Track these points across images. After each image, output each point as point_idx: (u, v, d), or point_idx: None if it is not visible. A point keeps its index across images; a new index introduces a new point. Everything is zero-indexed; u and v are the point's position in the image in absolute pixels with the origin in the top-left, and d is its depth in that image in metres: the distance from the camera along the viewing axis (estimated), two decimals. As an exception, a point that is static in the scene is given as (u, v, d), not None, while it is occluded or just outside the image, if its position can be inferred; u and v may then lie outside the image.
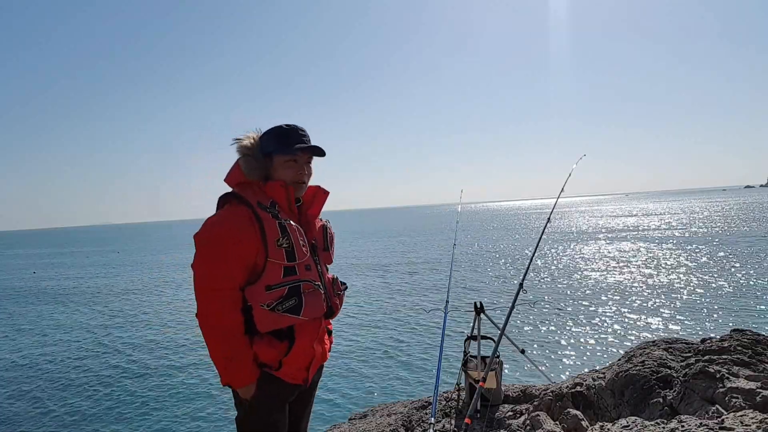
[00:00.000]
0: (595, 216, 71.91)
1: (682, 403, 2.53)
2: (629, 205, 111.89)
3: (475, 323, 3.72)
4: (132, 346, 12.92)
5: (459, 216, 6.28)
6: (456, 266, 23.00)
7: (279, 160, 1.81)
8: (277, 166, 1.82)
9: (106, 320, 16.58)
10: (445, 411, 3.58)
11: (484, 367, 3.26)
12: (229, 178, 1.83)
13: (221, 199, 1.82)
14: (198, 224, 1.78)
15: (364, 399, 8.24)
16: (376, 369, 9.83)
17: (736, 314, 12.27)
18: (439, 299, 16.33)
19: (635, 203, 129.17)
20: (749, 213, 53.24)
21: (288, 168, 1.82)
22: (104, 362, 11.59)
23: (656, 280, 17.45)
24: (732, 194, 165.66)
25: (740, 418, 2.00)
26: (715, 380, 2.49)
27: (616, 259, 23.52)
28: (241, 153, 1.81)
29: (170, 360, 11.37)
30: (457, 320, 11.87)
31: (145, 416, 8.29)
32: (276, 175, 1.82)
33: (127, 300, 20.63)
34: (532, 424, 2.87)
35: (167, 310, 17.82)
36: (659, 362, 2.96)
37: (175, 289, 22.99)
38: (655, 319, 12.33)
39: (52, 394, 9.61)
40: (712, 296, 14.37)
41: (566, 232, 43.63)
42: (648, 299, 14.46)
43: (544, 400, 3.13)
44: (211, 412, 8.21)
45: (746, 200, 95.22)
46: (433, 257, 29.72)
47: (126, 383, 9.97)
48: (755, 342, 2.86)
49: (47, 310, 19.15)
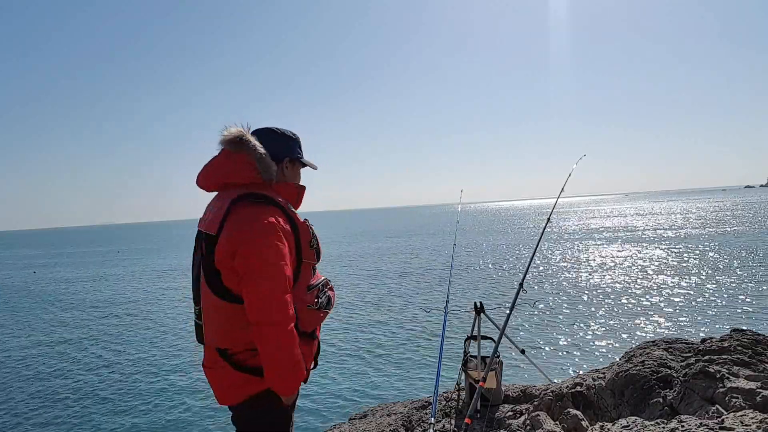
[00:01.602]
0: (595, 216, 71.90)
1: (682, 403, 2.53)
2: (629, 205, 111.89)
3: (475, 323, 3.72)
4: (132, 345, 12.92)
5: (459, 216, 6.28)
6: (456, 266, 22.99)
7: (294, 166, 1.89)
8: (290, 171, 1.86)
9: (106, 320, 16.57)
10: (445, 411, 3.58)
11: (484, 367, 3.26)
12: (241, 176, 1.70)
13: (245, 198, 1.66)
14: (195, 224, 1.76)
15: (364, 399, 8.24)
16: (376, 369, 9.83)
17: (736, 314, 12.27)
18: (439, 299, 16.32)
19: (635, 203, 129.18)
20: (749, 213, 53.24)
21: (297, 173, 1.91)
22: (103, 362, 11.59)
23: (656, 280, 17.44)
24: (732, 194, 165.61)
25: (740, 418, 1.99)
26: (715, 380, 2.49)
27: (615, 259, 23.52)
28: (256, 153, 1.70)
29: (169, 360, 11.38)
30: (457, 320, 11.87)
31: (145, 415, 8.30)
32: (285, 178, 1.85)
33: (127, 300, 20.62)
34: (532, 424, 2.87)
35: (166, 309, 17.82)
36: (659, 362, 2.95)
37: (175, 288, 23.00)
38: (655, 319, 12.32)
39: (52, 394, 9.61)
40: (712, 296, 14.37)
41: (566, 232, 43.63)
42: (648, 299, 14.46)
43: (544, 400, 3.13)
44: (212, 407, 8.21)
45: (746, 200, 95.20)
46: (433, 257, 29.71)
47: (126, 383, 9.97)
48: (755, 342, 2.86)
49: (47, 310, 19.14)
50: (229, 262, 1.58)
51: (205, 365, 1.74)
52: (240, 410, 1.69)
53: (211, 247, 1.62)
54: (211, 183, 1.77)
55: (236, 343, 1.63)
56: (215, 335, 1.67)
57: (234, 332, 1.63)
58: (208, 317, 1.68)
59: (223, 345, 1.65)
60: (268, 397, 1.63)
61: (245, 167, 1.69)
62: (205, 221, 1.72)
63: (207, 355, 1.73)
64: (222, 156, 1.73)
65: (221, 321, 1.65)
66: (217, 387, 1.70)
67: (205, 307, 1.67)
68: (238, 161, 1.70)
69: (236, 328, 1.62)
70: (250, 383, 1.63)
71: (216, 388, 1.71)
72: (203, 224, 1.72)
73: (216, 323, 1.66)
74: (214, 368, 1.69)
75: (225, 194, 1.72)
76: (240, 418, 1.71)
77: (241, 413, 1.70)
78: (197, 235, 1.75)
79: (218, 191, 1.79)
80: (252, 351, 1.62)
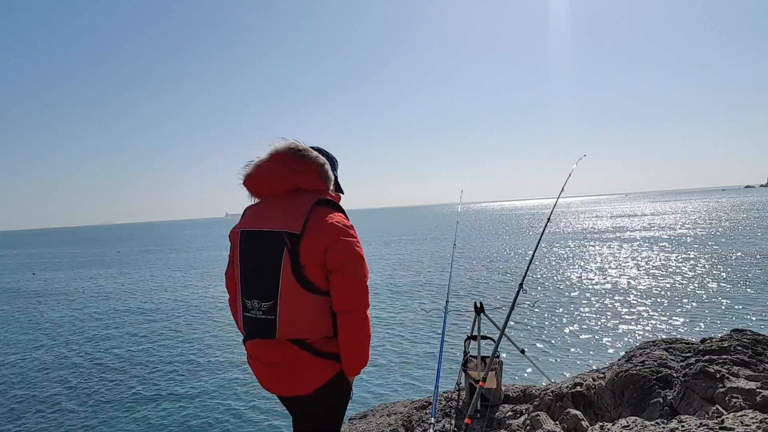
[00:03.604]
0: (595, 216, 71.91)
1: (682, 403, 2.53)
2: (629, 206, 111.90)
3: (475, 323, 3.72)
4: (131, 345, 12.92)
5: (459, 216, 6.29)
6: (456, 266, 22.99)
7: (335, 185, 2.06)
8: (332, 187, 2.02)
9: (106, 319, 16.58)
10: (445, 411, 3.58)
11: (484, 367, 3.26)
12: (311, 183, 1.88)
13: (322, 203, 1.85)
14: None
15: (364, 399, 8.24)
16: (376, 369, 9.82)
17: (736, 314, 12.27)
18: (439, 299, 16.33)
19: (635, 203, 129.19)
20: (749, 213, 53.25)
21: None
22: (103, 361, 11.59)
23: (656, 280, 17.45)
24: (732, 194, 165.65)
25: (740, 418, 1.99)
26: (715, 380, 2.49)
27: (615, 259, 23.52)
28: (319, 164, 1.90)
29: (170, 358, 11.39)
30: (457, 320, 11.86)
31: (146, 412, 8.30)
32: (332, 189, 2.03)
33: (127, 299, 20.63)
34: (532, 424, 2.87)
35: (166, 307, 17.82)
36: (659, 362, 2.95)
37: (174, 287, 23.00)
38: (655, 319, 12.32)
39: (51, 394, 9.61)
40: (712, 296, 14.37)
41: (566, 232, 43.64)
42: (648, 299, 14.46)
43: (544, 400, 3.13)
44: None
45: (746, 200, 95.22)
46: (433, 257, 29.72)
47: (125, 382, 9.98)
48: (755, 342, 2.86)
49: (47, 310, 19.14)
50: (319, 258, 1.74)
51: (269, 361, 1.80)
52: (317, 394, 1.81)
53: (295, 244, 1.74)
54: (278, 188, 1.89)
55: (317, 332, 1.76)
56: (297, 326, 1.74)
57: (317, 321, 1.76)
58: (288, 310, 1.73)
59: (304, 335, 1.75)
60: (340, 379, 1.82)
61: (313, 176, 1.88)
62: (273, 221, 1.81)
63: (273, 350, 1.78)
64: (286, 164, 1.86)
65: (308, 312, 1.75)
66: (288, 378, 1.79)
67: (286, 300, 1.73)
68: (308, 170, 1.87)
69: (320, 317, 1.76)
70: (328, 368, 1.78)
71: (287, 380, 1.79)
72: (271, 224, 1.81)
73: (300, 314, 1.74)
74: (285, 361, 1.77)
75: (292, 198, 1.86)
76: (315, 402, 1.84)
77: (317, 397, 1.82)
78: (255, 235, 1.83)
79: (275, 195, 1.90)
80: (327, 338, 1.77)
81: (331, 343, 1.78)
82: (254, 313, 1.76)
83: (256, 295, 1.77)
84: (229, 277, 2.02)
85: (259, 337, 1.77)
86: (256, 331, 1.77)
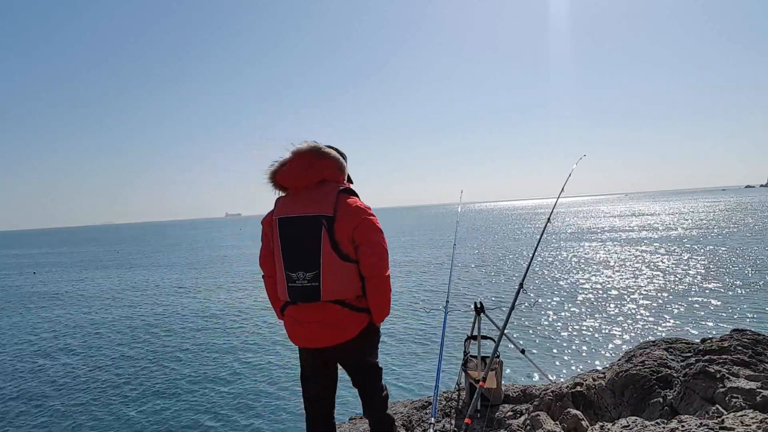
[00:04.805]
0: (595, 216, 71.89)
1: (682, 403, 2.53)
2: (629, 205, 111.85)
3: (475, 323, 3.72)
4: (131, 345, 12.93)
5: (459, 216, 6.28)
6: (456, 266, 22.99)
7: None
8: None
9: (105, 320, 16.58)
10: (445, 411, 3.57)
11: (484, 367, 3.25)
12: (335, 176, 2.32)
13: (346, 191, 2.26)
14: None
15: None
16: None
17: (736, 314, 12.27)
18: (439, 299, 16.33)
19: (635, 203, 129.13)
20: (749, 213, 53.23)
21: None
22: (102, 361, 11.60)
23: (656, 280, 17.44)
24: (732, 194, 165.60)
25: (740, 418, 1.99)
26: (715, 380, 2.48)
27: (615, 259, 23.52)
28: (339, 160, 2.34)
29: (170, 358, 11.39)
30: (457, 320, 11.86)
31: (146, 412, 8.30)
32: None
33: (126, 299, 20.63)
34: (532, 424, 2.87)
35: (166, 307, 17.83)
36: (659, 362, 2.95)
37: (174, 287, 23.00)
38: (655, 319, 12.32)
39: (50, 394, 9.61)
40: (712, 296, 14.36)
41: (566, 232, 43.62)
42: (648, 299, 14.46)
43: (544, 400, 3.12)
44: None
45: (746, 200, 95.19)
46: (433, 257, 29.71)
47: (124, 382, 9.98)
48: (755, 342, 2.86)
49: (47, 310, 19.14)
50: (350, 234, 2.16)
51: (315, 320, 2.20)
52: (358, 338, 2.28)
53: (330, 224, 2.14)
54: (305, 181, 2.25)
55: (351, 292, 2.20)
56: (338, 289, 2.17)
57: (351, 284, 2.20)
58: (330, 277, 2.14)
59: (342, 296, 2.18)
60: (371, 326, 2.33)
61: (335, 170, 2.31)
62: (308, 207, 2.19)
63: (317, 311, 2.18)
64: (312, 161, 2.24)
65: (344, 277, 2.17)
66: (333, 331, 2.21)
67: (327, 269, 2.13)
68: (330, 166, 2.29)
69: (353, 281, 2.20)
70: (362, 319, 2.26)
71: (331, 332, 2.21)
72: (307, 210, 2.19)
73: (338, 279, 2.16)
74: (328, 317, 2.18)
75: (319, 188, 2.25)
76: (357, 345, 2.31)
77: (358, 340, 2.29)
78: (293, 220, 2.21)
79: (302, 187, 2.26)
80: (358, 297, 2.23)
81: (361, 300, 2.24)
82: (300, 282, 2.16)
83: (300, 267, 2.15)
84: (264, 256, 2.38)
85: (303, 301, 2.17)
86: (300, 296, 2.17)
